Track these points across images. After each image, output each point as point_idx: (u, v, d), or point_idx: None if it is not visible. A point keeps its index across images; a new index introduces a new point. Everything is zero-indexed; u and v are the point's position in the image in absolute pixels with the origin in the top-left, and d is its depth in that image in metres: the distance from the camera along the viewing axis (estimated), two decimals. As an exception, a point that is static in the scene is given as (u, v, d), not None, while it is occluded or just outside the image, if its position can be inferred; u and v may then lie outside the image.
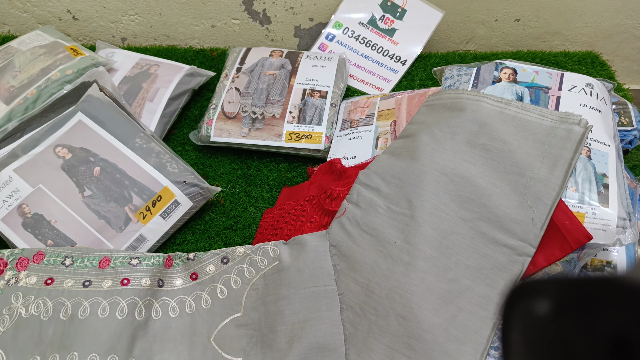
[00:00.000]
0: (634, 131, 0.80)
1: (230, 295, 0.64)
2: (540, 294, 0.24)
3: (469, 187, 0.63)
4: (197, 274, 0.66)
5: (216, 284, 0.65)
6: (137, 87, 0.93)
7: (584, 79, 0.76)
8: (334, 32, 1.09)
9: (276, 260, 0.65)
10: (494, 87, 0.76)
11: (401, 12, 1.07)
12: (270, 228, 0.77)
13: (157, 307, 0.64)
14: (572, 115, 0.67)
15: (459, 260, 0.60)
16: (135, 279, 0.65)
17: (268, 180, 0.87)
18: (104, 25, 1.17)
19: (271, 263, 0.65)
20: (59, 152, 0.77)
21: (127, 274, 0.65)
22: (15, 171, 0.75)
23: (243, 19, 1.15)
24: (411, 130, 0.74)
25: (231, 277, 0.65)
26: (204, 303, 0.64)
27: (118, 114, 0.81)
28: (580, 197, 0.62)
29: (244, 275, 0.65)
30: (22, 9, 1.14)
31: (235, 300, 0.64)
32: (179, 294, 0.65)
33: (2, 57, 0.91)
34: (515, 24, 1.17)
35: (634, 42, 1.21)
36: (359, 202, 0.68)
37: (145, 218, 0.75)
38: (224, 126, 0.89)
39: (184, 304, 0.64)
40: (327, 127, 0.88)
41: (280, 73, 0.95)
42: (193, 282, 0.66)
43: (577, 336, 0.21)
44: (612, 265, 0.65)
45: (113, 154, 0.77)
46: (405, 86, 1.03)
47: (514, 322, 0.25)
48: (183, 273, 0.67)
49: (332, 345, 0.58)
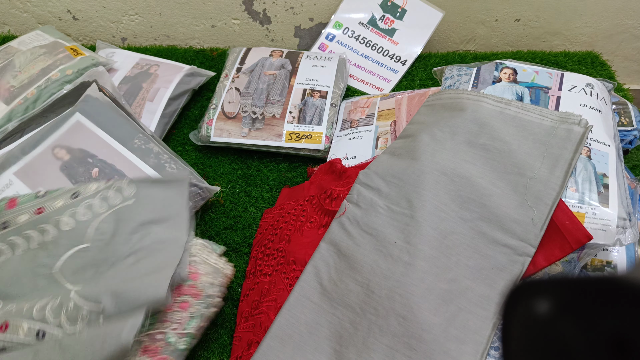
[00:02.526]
0: (634, 131, 0.80)
1: (77, 227, 0.64)
2: (540, 294, 0.24)
3: (469, 187, 0.63)
4: (44, 208, 0.66)
5: (60, 216, 0.65)
6: (137, 87, 0.93)
7: (584, 79, 0.76)
8: (334, 32, 1.09)
9: (133, 198, 0.65)
10: (494, 87, 0.76)
11: (401, 12, 1.07)
12: (270, 228, 0.77)
13: (6, 245, 0.64)
14: (572, 115, 0.67)
15: (459, 260, 0.60)
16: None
17: (268, 180, 0.87)
18: (104, 25, 1.17)
19: (125, 201, 0.65)
20: (57, 153, 0.76)
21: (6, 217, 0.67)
22: (16, 174, 0.75)
23: (243, 19, 1.15)
24: (411, 130, 0.74)
25: (78, 210, 0.65)
26: (48, 235, 0.64)
27: (117, 114, 0.81)
28: (580, 197, 0.62)
29: (93, 209, 0.65)
30: (22, 9, 1.14)
31: (80, 232, 0.64)
32: (24, 230, 0.65)
33: (2, 57, 0.91)
34: (515, 24, 1.17)
35: (634, 42, 1.21)
36: (359, 202, 0.68)
37: (145, 218, 0.75)
38: (224, 126, 0.89)
39: (29, 239, 0.64)
40: (327, 127, 0.88)
41: (281, 73, 0.95)
42: (38, 216, 0.65)
43: (577, 336, 0.21)
44: (612, 265, 0.65)
45: (111, 155, 0.77)
46: (405, 86, 1.03)
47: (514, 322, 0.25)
48: (30, 209, 0.67)
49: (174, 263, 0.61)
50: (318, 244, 0.68)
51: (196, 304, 0.62)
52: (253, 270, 0.73)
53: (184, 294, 0.62)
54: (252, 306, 0.69)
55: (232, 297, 0.72)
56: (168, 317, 0.61)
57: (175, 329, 0.60)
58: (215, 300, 0.64)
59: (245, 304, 0.70)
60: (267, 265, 0.72)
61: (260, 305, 0.67)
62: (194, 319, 0.62)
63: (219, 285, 0.65)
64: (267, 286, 0.69)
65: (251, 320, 0.67)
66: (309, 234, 0.71)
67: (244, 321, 0.68)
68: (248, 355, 0.63)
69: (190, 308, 0.62)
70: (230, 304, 0.72)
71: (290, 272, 0.68)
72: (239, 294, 0.72)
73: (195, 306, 0.62)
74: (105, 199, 0.66)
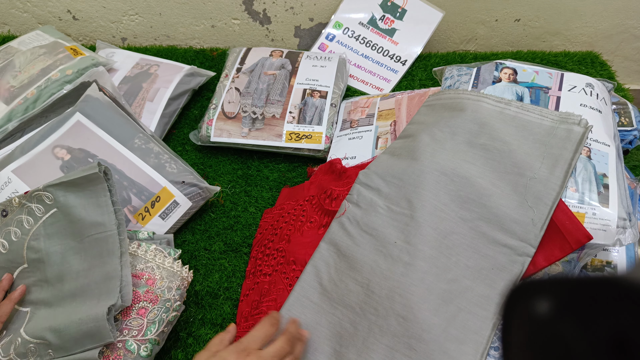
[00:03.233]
0: (634, 131, 0.80)
1: (12, 248, 0.64)
2: (540, 294, 0.24)
3: (468, 187, 0.63)
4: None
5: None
6: (137, 87, 0.93)
7: (584, 79, 0.76)
8: (334, 32, 1.09)
9: (54, 207, 0.64)
10: (494, 87, 0.76)
11: (401, 12, 1.07)
12: (270, 228, 0.77)
13: None
14: (572, 116, 0.67)
15: (459, 260, 0.60)
16: None
17: (268, 180, 0.87)
18: (104, 25, 1.17)
19: (49, 210, 0.64)
20: (57, 153, 0.76)
21: None
22: (14, 172, 0.75)
23: (243, 19, 1.15)
24: (411, 130, 0.74)
25: (11, 230, 0.65)
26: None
27: (117, 114, 0.81)
28: (580, 197, 0.62)
29: (23, 226, 0.65)
30: (22, 9, 1.14)
31: (17, 252, 0.64)
32: None
33: (2, 57, 0.91)
34: (515, 24, 1.17)
35: (634, 42, 1.21)
36: (359, 202, 0.67)
37: (145, 219, 0.75)
38: (224, 126, 0.89)
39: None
40: (327, 127, 0.88)
41: (281, 73, 0.95)
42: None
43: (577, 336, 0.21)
44: (612, 266, 0.65)
45: (112, 155, 0.77)
46: (405, 86, 1.03)
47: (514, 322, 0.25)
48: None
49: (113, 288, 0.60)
50: (317, 244, 0.68)
51: (155, 310, 0.62)
52: (253, 270, 0.73)
53: (141, 300, 0.62)
54: (252, 306, 0.69)
55: (232, 297, 0.72)
56: (127, 324, 0.61)
57: (135, 336, 0.60)
58: (175, 304, 0.64)
59: (245, 304, 0.70)
60: (267, 265, 0.72)
61: (260, 305, 0.67)
62: (154, 324, 0.61)
63: (176, 288, 0.65)
64: (267, 286, 0.69)
65: (251, 320, 0.67)
66: (309, 234, 0.71)
67: (243, 321, 0.68)
68: (248, 355, 0.63)
69: (149, 314, 0.62)
70: (231, 304, 0.72)
71: (290, 272, 0.68)
72: (239, 294, 0.72)
73: (154, 312, 0.62)
74: (31, 212, 0.65)
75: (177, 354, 0.67)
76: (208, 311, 0.71)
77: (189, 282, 0.67)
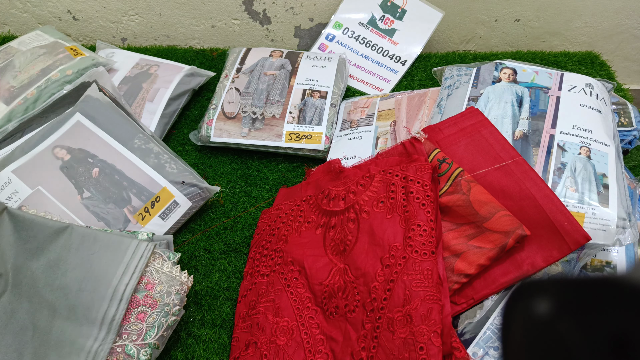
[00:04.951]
0: (634, 131, 0.80)
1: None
2: (540, 294, 0.24)
3: None
4: None
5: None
6: (137, 87, 0.93)
7: (584, 79, 0.76)
8: (334, 33, 1.09)
9: None
10: (493, 87, 0.76)
11: (401, 12, 1.07)
12: (267, 228, 0.77)
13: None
14: None
15: None
16: None
17: (268, 181, 0.87)
18: (104, 26, 1.17)
19: None
20: (57, 153, 0.76)
21: None
22: (14, 172, 0.75)
23: (243, 19, 1.15)
24: None
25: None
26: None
27: (117, 115, 0.81)
28: (580, 197, 0.62)
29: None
30: (22, 9, 1.14)
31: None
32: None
33: (2, 57, 0.91)
34: (515, 24, 1.17)
35: (634, 42, 1.21)
36: None
37: (144, 219, 0.75)
38: (224, 126, 0.89)
39: None
40: (327, 128, 0.88)
41: (280, 73, 0.95)
42: None
43: (577, 336, 0.21)
44: (612, 265, 0.65)
45: (112, 155, 0.77)
46: (405, 86, 1.03)
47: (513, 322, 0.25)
48: None
49: None
50: (315, 244, 0.68)
51: (154, 314, 0.62)
52: (251, 271, 0.73)
53: (140, 304, 0.62)
54: (249, 307, 0.68)
55: (231, 298, 0.72)
56: (126, 329, 0.61)
57: (134, 340, 0.60)
58: (174, 308, 0.64)
59: (243, 304, 0.70)
60: (265, 265, 0.72)
61: (257, 306, 0.67)
62: (153, 328, 0.61)
63: (176, 293, 0.65)
64: (265, 287, 0.69)
65: (249, 321, 0.67)
66: (307, 234, 0.71)
67: (241, 322, 0.68)
68: (245, 356, 0.63)
69: (149, 318, 0.62)
70: (230, 304, 0.72)
71: (288, 273, 0.68)
72: (238, 294, 0.72)
73: (153, 316, 0.62)
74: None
75: (177, 354, 0.67)
76: (208, 311, 0.71)
77: (189, 287, 0.67)
